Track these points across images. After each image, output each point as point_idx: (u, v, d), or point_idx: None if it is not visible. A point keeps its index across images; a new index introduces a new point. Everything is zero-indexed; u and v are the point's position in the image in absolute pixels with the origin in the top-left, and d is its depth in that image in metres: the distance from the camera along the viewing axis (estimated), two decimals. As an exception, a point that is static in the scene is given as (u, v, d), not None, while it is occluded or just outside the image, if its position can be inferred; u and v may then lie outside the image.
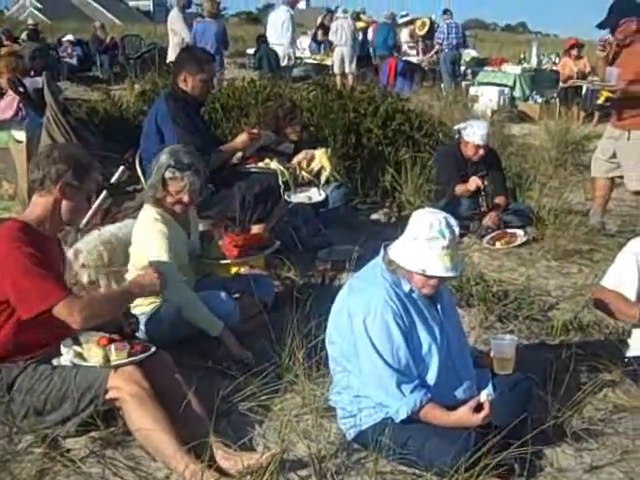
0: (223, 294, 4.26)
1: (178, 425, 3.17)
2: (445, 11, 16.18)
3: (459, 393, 3.37)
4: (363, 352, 3.21)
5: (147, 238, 4.16)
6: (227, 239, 4.51)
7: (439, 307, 3.39)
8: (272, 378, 3.84)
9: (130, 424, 3.19)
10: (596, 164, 6.96)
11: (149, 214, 4.22)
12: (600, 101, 7.91)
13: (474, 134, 6.56)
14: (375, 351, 3.16)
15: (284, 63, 13.81)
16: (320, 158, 5.98)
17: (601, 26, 6.43)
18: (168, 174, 4.15)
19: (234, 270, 4.82)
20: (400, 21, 18.36)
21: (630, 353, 4.20)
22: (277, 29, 13.98)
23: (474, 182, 6.52)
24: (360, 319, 3.20)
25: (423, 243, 3.14)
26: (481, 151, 6.61)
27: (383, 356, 3.16)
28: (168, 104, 5.22)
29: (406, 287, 3.27)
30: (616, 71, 6.31)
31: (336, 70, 14.99)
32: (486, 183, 6.56)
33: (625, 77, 6.36)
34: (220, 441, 3.23)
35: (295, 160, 5.89)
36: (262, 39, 14.77)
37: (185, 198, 4.17)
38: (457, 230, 3.21)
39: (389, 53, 16.31)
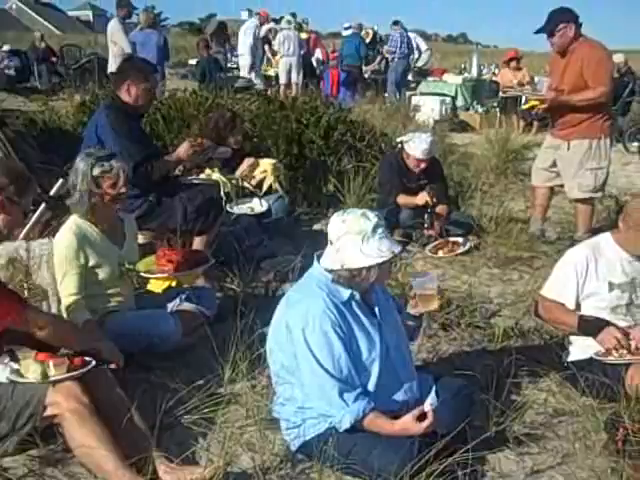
0: (164, 310, 4.22)
1: (119, 440, 3.11)
2: (396, 22, 16.31)
3: (401, 395, 3.39)
4: (304, 363, 3.20)
5: (56, 247, 4.09)
6: (160, 253, 4.44)
7: (376, 311, 3.41)
8: (215, 390, 3.83)
9: (70, 441, 3.12)
10: (536, 173, 7.07)
11: (67, 225, 4.12)
12: (525, 107, 8.02)
13: (416, 148, 6.61)
14: (316, 362, 3.16)
15: (245, 73, 13.87)
16: (265, 167, 5.98)
17: (539, 31, 6.53)
18: (96, 171, 4.04)
19: (166, 285, 4.77)
20: (344, 33, 18.48)
21: (569, 358, 4.27)
22: (245, 42, 14.45)
23: (423, 198, 6.56)
24: (299, 331, 3.19)
25: (371, 235, 3.17)
26: (422, 164, 6.67)
27: (324, 366, 3.16)
28: (108, 114, 5.15)
29: (345, 294, 3.29)
30: (546, 81, 6.43)
31: (282, 80, 14.99)
32: (435, 200, 6.61)
33: (562, 87, 6.47)
34: (162, 455, 3.19)
35: (239, 172, 5.88)
36: (204, 49, 14.70)
37: (123, 188, 4.09)
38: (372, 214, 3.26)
39: (359, 63, 16.39)
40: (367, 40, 17.29)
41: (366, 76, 16.82)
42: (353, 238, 3.18)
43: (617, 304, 4.15)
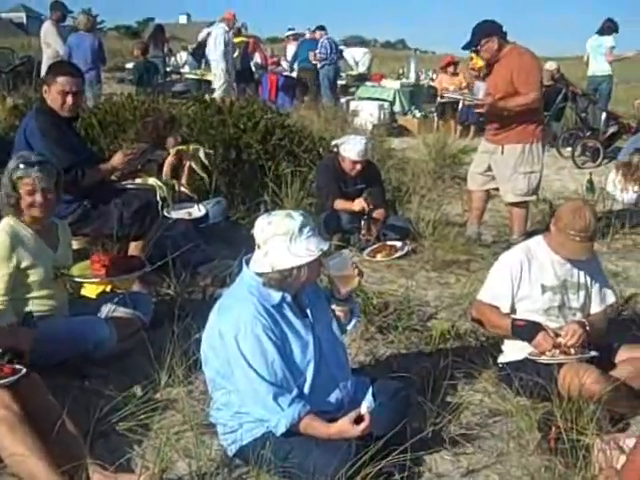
0: (98, 316, 4.16)
1: (52, 449, 3.06)
2: (321, 27, 16.35)
3: (336, 394, 3.41)
4: (238, 369, 3.19)
5: None
6: (95, 258, 4.38)
7: (308, 312, 3.42)
8: (151, 396, 3.79)
9: (1, 450, 3.06)
10: (472, 177, 7.17)
11: (0, 225, 4.05)
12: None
13: (351, 150, 6.66)
14: (249, 367, 3.15)
15: (218, 80, 13.97)
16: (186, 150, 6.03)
17: (466, 47, 6.66)
18: (16, 175, 3.98)
19: (100, 290, 4.69)
20: (287, 34, 18.51)
21: (504, 359, 4.33)
22: (210, 46, 14.25)
23: (360, 204, 6.60)
24: (231, 337, 3.18)
25: (298, 235, 3.18)
26: (358, 166, 6.71)
27: (258, 371, 3.15)
28: (37, 118, 5.05)
29: (276, 297, 3.29)
30: (483, 86, 6.54)
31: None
32: (371, 207, 6.64)
33: (495, 93, 6.58)
34: (96, 463, 3.14)
35: (167, 164, 5.86)
36: (141, 53, 14.53)
37: (38, 197, 4.00)
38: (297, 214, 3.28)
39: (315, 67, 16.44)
40: None
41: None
42: (280, 239, 3.18)
43: (549, 306, 4.23)
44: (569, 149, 11.59)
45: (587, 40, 13.37)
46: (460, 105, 13.48)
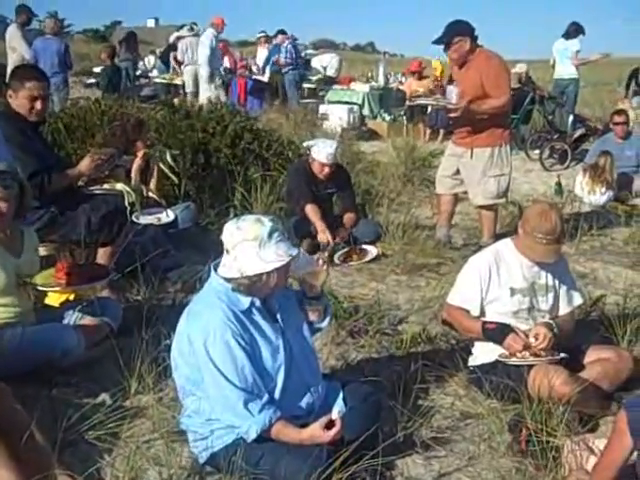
0: (64, 324, 4.12)
1: (20, 459, 3.01)
2: (282, 31, 16.38)
3: (307, 399, 3.41)
4: (207, 376, 3.17)
5: None
6: (59, 266, 4.33)
7: (279, 317, 3.41)
8: (121, 404, 3.75)
9: (-32, 462, 3.01)
10: (440, 181, 7.19)
11: None
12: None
13: (320, 152, 6.66)
14: (219, 373, 3.13)
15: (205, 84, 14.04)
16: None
17: (436, 42, 6.66)
18: None
19: (63, 298, 4.64)
20: (258, 36, 18.50)
21: (474, 362, 4.35)
22: (200, 50, 14.28)
23: (323, 237, 6.56)
24: (200, 343, 3.16)
25: (267, 240, 3.17)
26: (326, 169, 6.71)
27: (228, 377, 3.13)
28: (0, 124, 5.00)
29: (245, 303, 3.27)
30: (455, 90, 6.55)
31: (190, 89, 14.80)
32: (337, 240, 6.63)
33: (465, 97, 6.60)
34: (65, 473, 3.10)
35: (135, 166, 5.83)
36: (110, 57, 14.46)
37: (2, 205, 3.97)
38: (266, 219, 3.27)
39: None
40: None
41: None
42: (250, 244, 3.17)
43: (519, 308, 4.25)
44: (537, 152, 11.68)
45: (554, 43, 13.48)
46: (429, 109, 13.54)
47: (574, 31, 13.14)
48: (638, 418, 2.83)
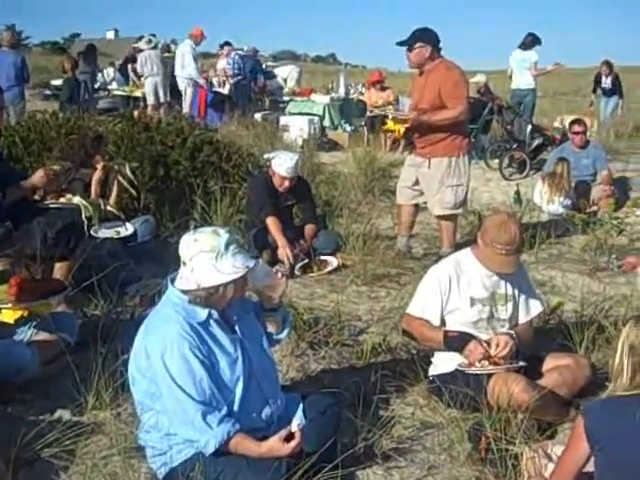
0: (18, 340, 4.05)
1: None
2: (227, 43, 16.41)
3: (266, 411, 3.39)
4: (165, 389, 3.14)
5: None
6: (12, 281, 4.26)
7: (237, 328, 3.39)
8: (77, 421, 3.70)
9: None
10: (400, 191, 7.22)
11: None
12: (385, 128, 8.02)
13: (280, 166, 6.65)
14: (177, 386, 3.10)
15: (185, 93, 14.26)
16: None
17: (400, 43, 6.69)
18: None
19: (18, 315, 4.57)
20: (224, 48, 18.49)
21: (434, 372, 4.36)
22: (179, 62, 14.43)
23: (283, 254, 6.51)
24: (158, 356, 3.13)
25: (224, 252, 3.16)
26: (286, 183, 6.69)
27: (185, 390, 3.10)
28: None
29: (203, 315, 3.25)
30: (408, 101, 6.60)
31: (151, 101, 14.69)
32: (297, 252, 6.62)
33: (422, 106, 6.65)
34: (20, 492, 3.05)
35: (95, 177, 5.76)
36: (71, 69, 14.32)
37: None
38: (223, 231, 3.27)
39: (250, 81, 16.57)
40: None
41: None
42: (206, 256, 3.16)
43: (479, 318, 4.27)
44: (497, 161, 11.75)
45: (511, 54, 13.64)
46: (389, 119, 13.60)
47: (531, 42, 13.30)
48: (595, 423, 2.85)
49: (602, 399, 3.18)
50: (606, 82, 14.56)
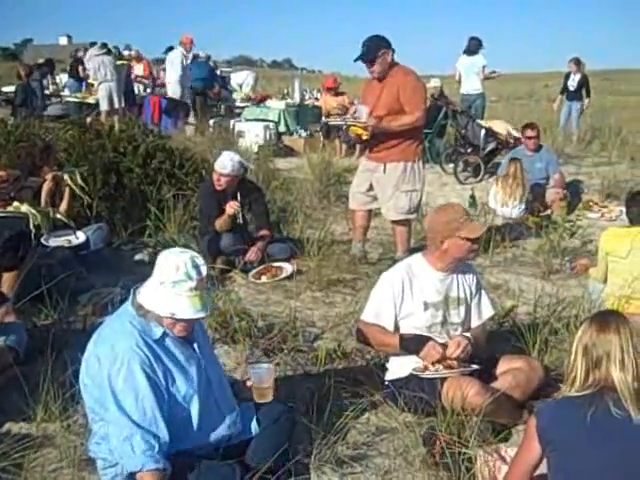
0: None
1: None
2: (172, 48, 16.36)
3: (224, 429, 3.35)
4: (108, 402, 3.08)
5: None
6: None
7: (195, 346, 3.34)
8: (26, 433, 3.63)
9: None
10: (353, 197, 7.21)
11: None
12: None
13: (216, 163, 6.64)
14: (117, 401, 3.05)
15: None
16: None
17: (361, 59, 6.67)
18: None
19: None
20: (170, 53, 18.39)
21: (389, 377, 4.35)
22: (169, 69, 14.64)
23: (229, 207, 6.55)
24: (106, 368, 3.08)
25: (169, 287, 3.08)
26: (222, 179, 6.61)
27: (124, 407, 3.04)
28: None
29: (158, 332, 3.19)
30: (365, 109, 6.60)
31: (105, 107, 14.50)
32: (252, 258, 6.61)
33: (378, 112, 6.64)
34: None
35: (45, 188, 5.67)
36: (25, 76, 14.13)
37: None
38: (204, 269, 3.18)
39: (210, 87, 16.59)
40: None
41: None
42: (156, 279, 3.13)
43: (432, 322, 4.28)
44: (452, 165, 11.84)
45: (458, 59, 13.84)
46: (344, 124, 13.62)
47: (475, 46, 13.52)
48: (547, 424, 2.88)
49: (554, 400, 3.22)
50: (573, 80, 14.66)
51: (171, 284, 3.07)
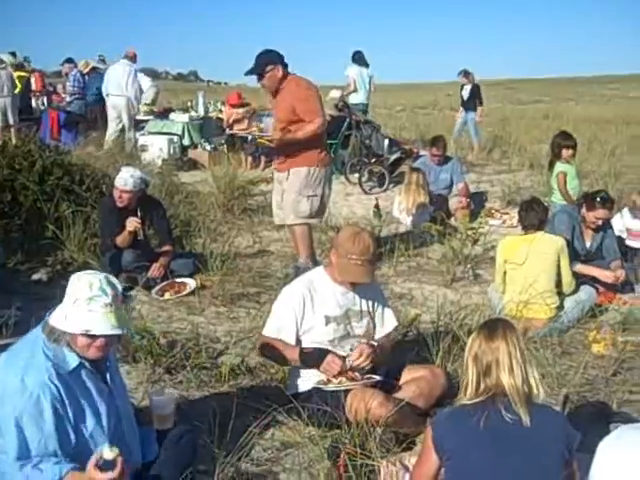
0: None
1: None
2: (70, 60, 16.01)
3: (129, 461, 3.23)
4: (9, 433, 2.91)
5: None
6: None
7: (108, 377, 3.23)
8: None
9: None
10: (275, 213, 7.07)
11: None
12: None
13: (117, 179, 6.55)
14: (18, 436, 2.90)
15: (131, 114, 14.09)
16: None
17: (250, 73, 6.67)
18: None
19: None
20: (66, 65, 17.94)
21: (293, 391, 4.32)
22: (120, 83, 13.91)
23: (130, 224, 6.44)
24: (10, 398, 2.91)
25: (84, 304, 2.98)
26: (124, 195, 6.52)
27: (26, 438, 2.90)
28: None
29: (72, 362, 3.06)
30: (271, 122, 6.60)
31: (-2, 123, 14.06)
32: (155, 274, 6.52)
33: (278, 124, 6.65)
34: None
35: None
36: None
37: None
38: (119, 287, 3.11)
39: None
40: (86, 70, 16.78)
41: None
42: (68, 297, 3.02)
43: (334, 336, 4.27)
44: (356, 175, 11.90)
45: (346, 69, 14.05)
46: (249, 137, 13.59)
47: (360, 58, 13.79)
48: (441, 434, 2.90)
49: (449, 409, 3.24)
50: (466, 90, 14.99)
51: (86, 301, 2.97)
